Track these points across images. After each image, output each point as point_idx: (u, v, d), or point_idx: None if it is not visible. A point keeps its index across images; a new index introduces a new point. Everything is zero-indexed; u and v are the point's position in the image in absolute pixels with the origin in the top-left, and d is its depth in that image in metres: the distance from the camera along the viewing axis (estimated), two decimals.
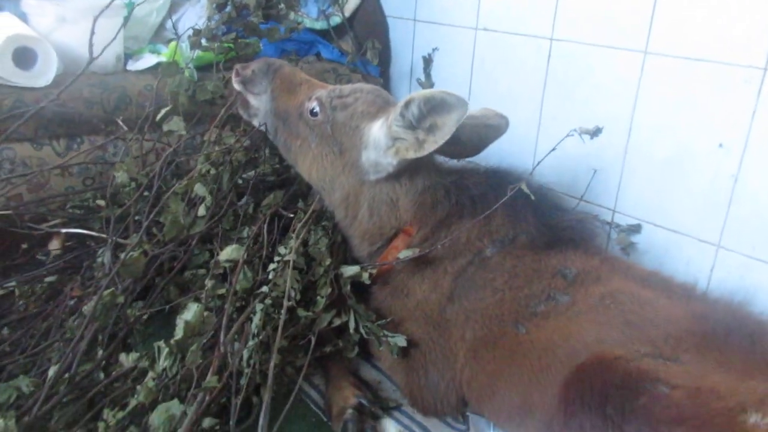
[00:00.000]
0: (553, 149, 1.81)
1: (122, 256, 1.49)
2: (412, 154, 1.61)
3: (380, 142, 1.65)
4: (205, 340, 1.43)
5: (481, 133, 1.80)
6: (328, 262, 1.70)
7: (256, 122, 1.92)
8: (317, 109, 1.75)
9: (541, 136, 2.38)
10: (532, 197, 1.63)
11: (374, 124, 1.69)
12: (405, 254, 1.66)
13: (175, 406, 1.26)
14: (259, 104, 1.90)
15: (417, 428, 1.59)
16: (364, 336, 1.67)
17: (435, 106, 1.54)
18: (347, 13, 2.84)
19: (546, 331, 1.44)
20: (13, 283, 1.83)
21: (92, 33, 1.72)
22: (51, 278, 1.85)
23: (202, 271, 1.76)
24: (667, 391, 1.18)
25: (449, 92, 1.50)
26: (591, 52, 2.16)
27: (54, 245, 1.95)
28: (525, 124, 2.40)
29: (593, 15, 2.12)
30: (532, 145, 2.40)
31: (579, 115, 2.22)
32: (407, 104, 1.57)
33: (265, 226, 1.76)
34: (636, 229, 2.17)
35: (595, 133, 1.75)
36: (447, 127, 1.54)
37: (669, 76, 1.97)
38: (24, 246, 1.96)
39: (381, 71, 2.88)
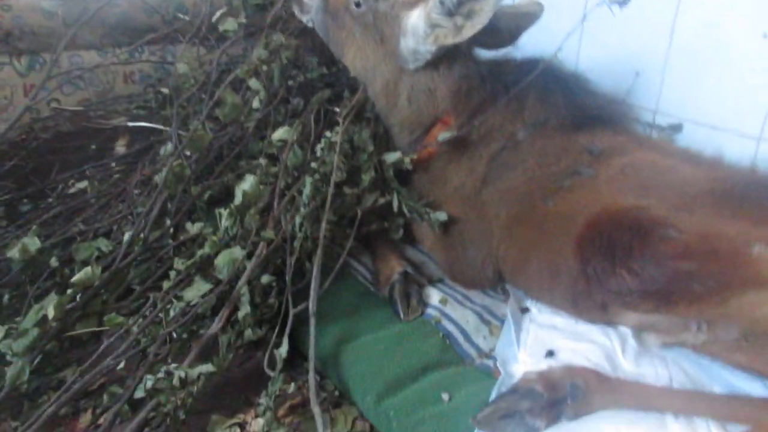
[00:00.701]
0: (584, 19, 1.82)
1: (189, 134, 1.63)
2: (450, 40, 1.68)
3: (419, 29, 1.73)
4: (261, 207, 1.56)
5: (516, 20, 1.86)
6: (371, 149, 1.79)
7: (306, 19, 2.01)
8: (361, 0, 1.84)
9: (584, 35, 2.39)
10: (556, 76, 1.69)
11: (413, 12, 1.76)
12: (443, 136, 1.75)
13: (237, 251, 1.40)
14: (311, 1, 2.00)
15: (459, 296, 1.69)
16: (407, 214, 1.77)
17: None
18: None
19: (570, 201, 1.51)
20: (86, 183, 2.01)
21: None
22: (118, 174, 2.02)
23: (256, 162, 1.89)
24: (676, 235, 1.27)
25: None
26: None
27: (120, 145, 2.11)
28: (566, 14, 2.40)
29: None
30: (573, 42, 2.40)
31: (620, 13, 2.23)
32: None
33: (312, 116, 1.86)
34: (677, 128, 2.18)
35: (623, 2, 1.76)
36: (485, 12, 1.61)
37: None
38: (93, 147, 2.13)
39: None
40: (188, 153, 1.70)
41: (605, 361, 1.38)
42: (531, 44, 1.94)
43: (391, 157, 1.82)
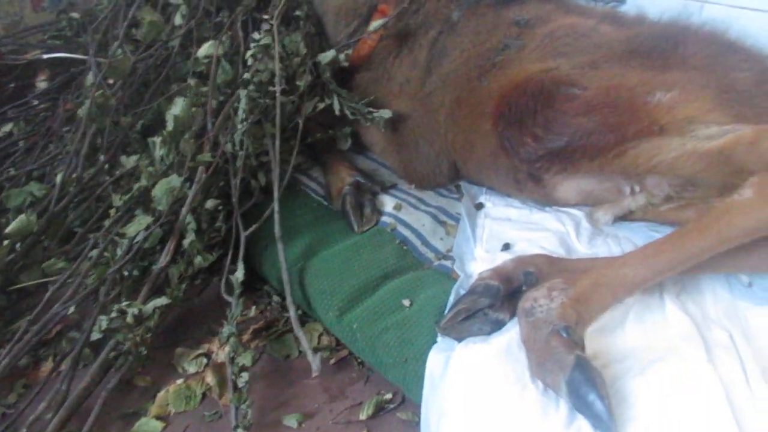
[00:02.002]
0: None
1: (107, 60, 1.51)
2: None
3: None
4: (195, 130, 1.48)
5: None
6: (304, 51, 1.70)
7: None
8: None
9: None
10: None
11: None
12: (375, 25, 1.68)
13: (174, 180, 1.34)
14: None
15: (413, 199, 1.67)
16: (349, 116, 1.70)
17: None
18: None
19: (501, 78, 1.48)
20: (10, 125, 1.88)
21: None
22: (43, 112, 1.89)
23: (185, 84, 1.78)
24: (579, 92, 1.29)
25: None
26: None
27: (41, 80, 1.97)
28: None
29: None
30: None
31: None
32: None
33: (239, 25, 1.75)
34: None
35: None
36: None
37: None
38: (11, 85, 1.98)
39: None
40: (111, 81, 1.58)
41: (560, 246, 1.39)
42: None
43: (327, 56, 1.73)
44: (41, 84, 1.96)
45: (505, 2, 1.65)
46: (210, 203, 1.45)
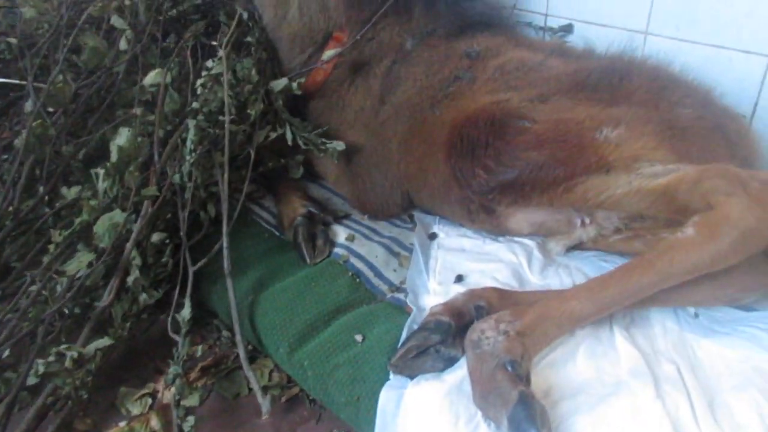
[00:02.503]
0: None
1: (46, 87, 1.45)
2: None
3: None
4: (141, 161, 1.44)
5: None
6: (256, 78, 1.67)
7: None
8: None
9: None
10: None
11: None
12: (329, 54, 1.67)
13: (118, 215, 1.29)
14: None
15: (366, 230, 1.66)
16: (302, 146, 1.68)
17: None
18: None
19: (452, 108, 1.50)
20: None
21: None
22: None
23: (130, 112, 1.72)
24: (530, 125, 1.31)
25: None
26: None
27: None
28: None
29: None
30: None
31: None
32: None
33: (188, 52, 1.72)
34: (568, 29, 2.17)
35: None
36: None
37: None
38: None
39: None
40: (50, 109, 1.52)
41: (512, 278, 1.39)
42: None
43: (279, 84, 1.71)
44: None
45: (457, 34, 1.68)
46: (156, 237, 1.40)
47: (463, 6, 1.72)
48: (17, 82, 1.70)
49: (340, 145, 1.64)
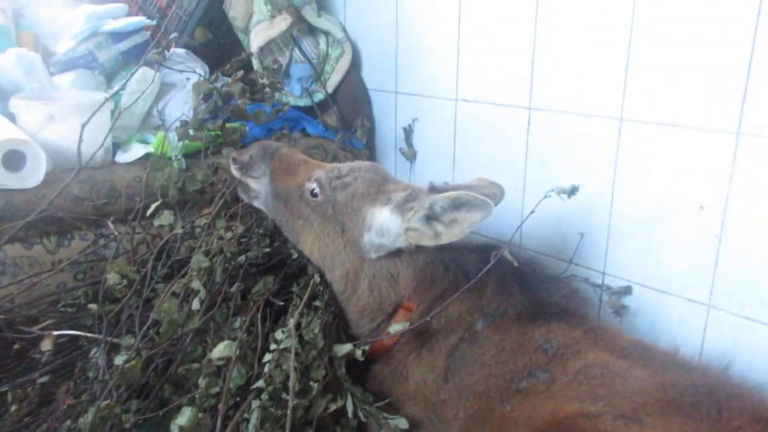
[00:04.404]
0: (532, 211, 1.85)
1: (117, 361, 1.48)
2: (426, 242, 1.66)
3: (390, 230, 1.70)
4: None
5: None
6: (321, 344, 1.69)
7: (257, 204, 1.97)
8: (317, 190, 1.79)
9: (526, 202, 2.42)
10: (516, 265, 1.66)
11: (376, 208, 1.73)
12: (396, 328, 1.67)
13: None
14: (259, 187, 1.95)
15: None
16: (362, 419, 1.65)
17: (458, 205, 1.61)
18: (330, 89, 2.91)
19: (526, 407, 1.45)
20: (6, 387, 1.82)
21: (80, 136, 1.75)
22: (43, 379, 1.83)
23: (195, 365, 1.74)
24: None
25: (475, 195, 1.57)
26: (569, 119, 2.22)
27: (46, 345, 1.93)
28: (510, 192, 2.43)
29: (568, 84, 2.18)
30: (518, 211, 2.43)
31: (562, 181, 2.26)
32: (431, 206, 1.63)
33: (259, 315, 1.75)
34: (626, 290, 2.19)
35: (572, 191, 1.80)
36: (467, 223, 1.62)
37: (646, 142, 2.01)
38: (16, 346, 1.95)
39: (366, 143, 2.93)
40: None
41: None
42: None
43: (342, 349, 1.71)
44: (47, 350, 1.92)
45: (531, 318, 1.66)
46: None
47: (538, 288, 1.73)
48: (89, 335, 1.74)
49: (403, 423, 1.60)
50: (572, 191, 1.84)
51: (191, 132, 2.14)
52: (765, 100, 1.74)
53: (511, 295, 1.71)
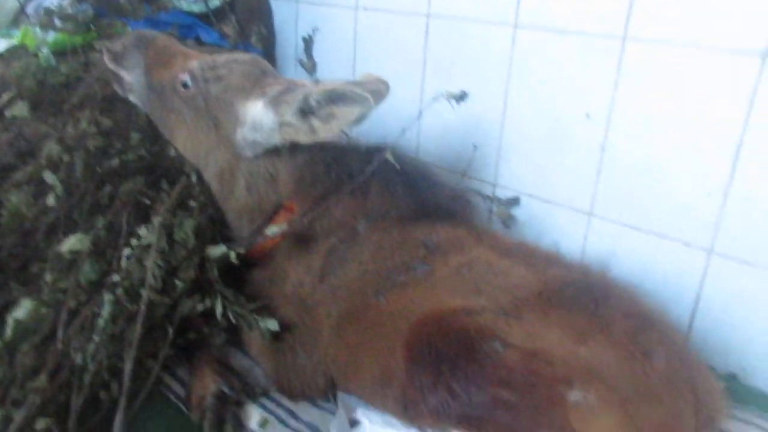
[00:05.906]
0: (421, 114, 1.84)
1: None
2: (302, 138, 1.58)
3: (263, 124, 1.61)
4: (41, 339, 1.33)
5: None
6: (192, 244, 1.61)
7: (132, 98, 1.83)
8: (189, 81, 1.68)
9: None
10: (398, 168, 1.61)
11: (250, 101, 1.63)
12: (272, 230, 1.60)
13: None
14: (133, 79, 1.80)
15: (283, 413, 1.53)
16: (233, 321, 1.60)
17: (335, 99, 1.53)
18: None
19: (403, 299, 1.42)
20: None
21: None
22: None
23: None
24: (502, 351, 1.19)
25: (352, 88, 1.49)
26: (465, 26, 2.15)
27: None
28: (408, 102, 2.38)
29: None
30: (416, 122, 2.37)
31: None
32: (305, 98, 1.54)
33: (125, 214, 1.65)
34: (514, 201, 2.19)
35: (461, 97, 1.75)
36: (345, 119, 1.54)
37: (538, 49, 1.98)
38: None
39: (265, 53, 2.79)
40: None
41: None
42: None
43: (216, 251, 1.64)
44: None
45: (414, 219, 1.62)
46: (42, 423, 1.27)
47: (423, 190, 1.69)
48: None
49: (273, 325, 1.55)
50: (461, 97, 1.77)
51: (57, 22, 1.95)
52: (652, 4, 1.72)
53: (396, 197, 1.66)
